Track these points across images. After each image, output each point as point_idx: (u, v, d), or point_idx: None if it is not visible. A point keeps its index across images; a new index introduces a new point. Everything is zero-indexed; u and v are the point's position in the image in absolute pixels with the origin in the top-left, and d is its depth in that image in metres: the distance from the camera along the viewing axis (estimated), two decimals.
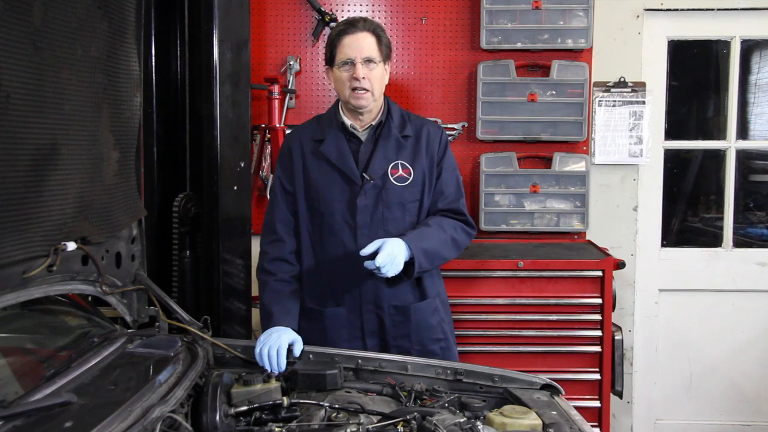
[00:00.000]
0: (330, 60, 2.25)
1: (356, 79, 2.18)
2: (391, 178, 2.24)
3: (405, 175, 2.26)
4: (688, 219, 4.07)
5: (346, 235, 2.23)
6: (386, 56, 2.25)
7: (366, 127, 2.29)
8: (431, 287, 2.33)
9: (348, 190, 2.24)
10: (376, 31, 2.22)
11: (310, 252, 2.29)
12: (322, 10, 3.59)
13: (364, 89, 2.19)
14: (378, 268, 2.04)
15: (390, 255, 2.05)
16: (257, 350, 1.98)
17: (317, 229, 2.28)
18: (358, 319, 2.27)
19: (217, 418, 1.60)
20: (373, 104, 2.25)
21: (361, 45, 2.19)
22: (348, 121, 2.28)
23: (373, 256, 2.05)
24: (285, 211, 2.30)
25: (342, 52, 2.19)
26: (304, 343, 2.06)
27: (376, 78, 2.21)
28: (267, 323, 2.15)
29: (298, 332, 2.10)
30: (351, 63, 2.19)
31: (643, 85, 3.66)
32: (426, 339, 2.29)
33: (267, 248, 2.30)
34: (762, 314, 3.77)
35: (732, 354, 3.81)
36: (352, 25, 2.21)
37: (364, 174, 2.23)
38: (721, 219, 3.83)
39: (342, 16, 3.63)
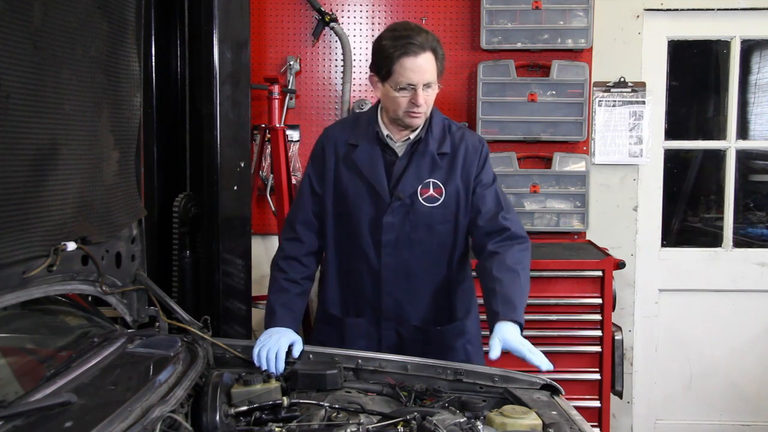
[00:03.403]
0: (384, 75, 2.06)
1: (415, 104, 2.05)
2: (420, 198, 2.15)
3: (436, 195, 2.15)
4: (688, 219, 4.07)
5: (370, 250, 2.18)
6: (441, 72, 2.07)
7: (404, 139, 2.17)
8: (461, 306, 2.25)
9: (376, 204, 2.16)
10: (435, 48, 2.04)
11: (335, 258, 2.24)
12: (322, 10, 3.59)
13: (421, 112, 2.09)
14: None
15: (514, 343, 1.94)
16: (255, 351, 1.96)
17: (343, 236, 2.22)
18: (377, 333, 2.23)
19: (217, 418, 1.60)
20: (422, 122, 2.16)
21: (424, 68, 2.01)
22: (385, 131, 2.17)
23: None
24: (308, 212, 2.23)
25: (403, 75, 2.01)
26: (317, 345, 2.05)
27: (431, 99, 2.11)
28: (269, 321, 2.13)
29: (302, 333, 2.09)
30: (413, 89, 2.03)
31: (643, 85, 3.66)
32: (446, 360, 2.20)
33: (284, 244, 2.26)
34: (762, 314, 3.78)
35: (732, 354, 3.81)
36: (413, 42, 2.01)
37: (394, 191, 2.15)
38: (721, 219, 3.83)
39: (342, 16, 3.63)
